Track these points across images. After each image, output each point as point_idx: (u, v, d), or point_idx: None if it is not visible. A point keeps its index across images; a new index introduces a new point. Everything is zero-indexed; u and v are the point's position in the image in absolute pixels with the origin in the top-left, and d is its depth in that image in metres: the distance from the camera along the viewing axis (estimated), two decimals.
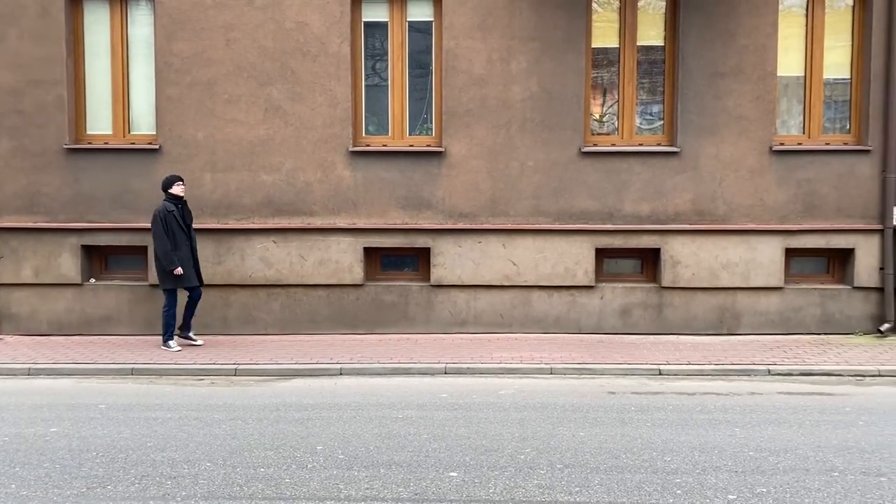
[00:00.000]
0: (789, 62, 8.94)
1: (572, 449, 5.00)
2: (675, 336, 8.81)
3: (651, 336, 8.82)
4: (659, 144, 8.94)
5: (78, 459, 4.89)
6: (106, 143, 9.08)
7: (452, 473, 4.57)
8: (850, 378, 7.19)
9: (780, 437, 5.27)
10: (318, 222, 8.96)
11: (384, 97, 9.15)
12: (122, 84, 9.10)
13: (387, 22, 9.05)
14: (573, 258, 8.89)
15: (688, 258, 8.85)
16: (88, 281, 9.14)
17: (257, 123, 8.92)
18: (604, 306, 8.95)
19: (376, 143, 9.08)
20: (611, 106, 9.17)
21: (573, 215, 8.90)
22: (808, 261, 9.08)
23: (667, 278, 8.86)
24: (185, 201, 8.32)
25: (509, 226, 8.91)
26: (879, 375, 7.23)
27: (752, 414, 5.89)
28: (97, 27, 9.10)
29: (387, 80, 9.11)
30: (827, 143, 8.88)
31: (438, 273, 8.96)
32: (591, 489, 4.29)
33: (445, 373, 7.39)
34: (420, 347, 8.27)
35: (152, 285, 8.93)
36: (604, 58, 9.09)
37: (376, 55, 9.22)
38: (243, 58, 8.88)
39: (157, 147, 8.95)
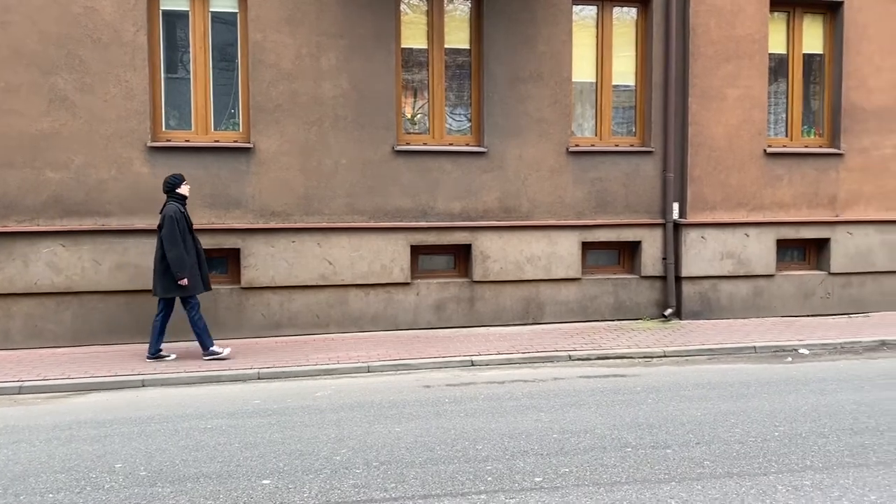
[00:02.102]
0: (583, 69, 9.60)
1: (388, 445, 5.03)
2: (486, 328, 9.17)
3: (464, 329, 9.11)
4: (468, 144, 9.24)
5: None
6: None
7: (265, 481, 4.42)
8: (641, 360, 7.86)
9: (580, 418, 5.64)
10: (114, 223, 8.32)
11: (186, 90, 8.67)
12: None
13: (188, 11, 8.58)
14: (389, 256, 8.96)
15: (496, 253, 9.23)
16: None
17: (40, 115, 8.10)
18: (419, 302, 9.10)
19: (178, 138, 8.58)
20: (422, 106, 9.34)
21: (388, 213, 8.97)
22: (602, 253, 9.81)
23: (478, 273, 9.19)
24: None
25: (324, 224, 8.80)
26: (665, 356, 7.97)
27: (555, 398, 6.25)
28: None
29: (189, 72, 8.64)
30: (616, 145, 9.64)
31: (250, 275, 8.65)
32: (406, 484, 4.33)
33: (259, 378, 7.15)
34: (231, 353, 7.93)
35: None
36: (414, 59, 9.24)
37: (177, 46, 8.72)
38: (22, 43, 8.02)
39: None
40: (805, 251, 10.19)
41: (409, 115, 9.32)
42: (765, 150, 9.70)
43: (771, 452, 4.79)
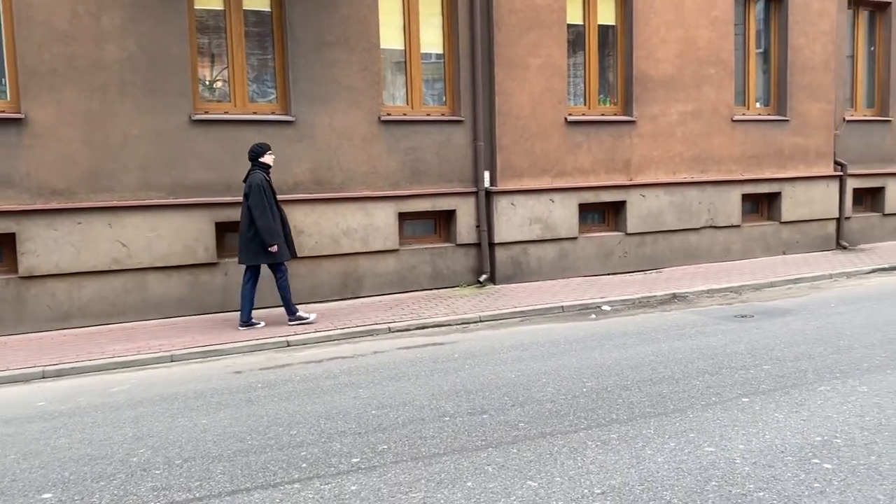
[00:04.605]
0: (391, 36, 9.42)
1: (194, 440, 4.63)
2: (304, 305, 8.80)
3: (280, 308, 8.67)
4: (273, 113, 8.77)
5: None
6: None
7: (46, 495, 3.89)
8: (458, 326, 7.94)
9: (399, 391, 5.54)
10: None
11: None
12: None
13: None
14: (192, 234, 8.33)
15: (310, 227, 8.90)
16: None
17: None
18: (229, 283, 8.57)
19: None
20: (221, 72, 8.72)
21: (189, 188, 8.32)
22: (418, 223, 9.79)
23: None
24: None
25: (115, 202, 8.00)
26: (481, 321, 8.11)
27: (374, 373, 6.12)
28: None
29: None
30: (428, 114, 9.60)
31: (29, 262, 7.68)
32: (212, 480, 3.99)
33: (44, 377, 6.37)
34: (10, 351, 7.02)
35: None
36: (210, 21, 8.57)
37: None
38: None
39: None
40: (604, 214, 10.80)
41: (207, 82, 8.67)
42: (566, 119, 10.10)
43: (580, 409, 4.96)
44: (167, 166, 8.18)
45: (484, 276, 9.80)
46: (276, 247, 7.54)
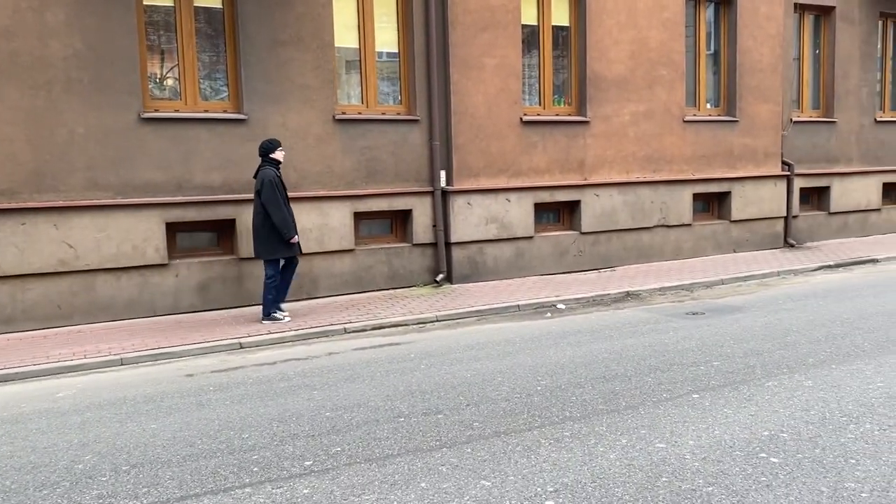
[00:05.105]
0: (346, 35, 9.35)
1: (142, 445, 4.53)
2: (258, 307, 8.69)
3: (233, 310, 8.60)
4: (226, 111, 8.63)
5: None
6: None
7: None
8: (415, 326, 7.92)
9: (354, 393, 5.50)
10: None
11: None
12: None
13: None
14: (141, 235, 8.16)
15: None
16: None
17: None
18: (180, 284, 8.42)
19: None
20: (171, 69, 8.55)
21: (138, 188, 8.14)
22: (374, 223, 9.74)
23: (244, 249, 8.68)
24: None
25: (61, 203, 7.79)
26: (437, 321, 8.10)
27: (329, 374, 6.07)
28: None
29: None
30: (383, 113, 9.55)
31: None
32: (160, 486, 3.91)
33: None
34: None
35: None
36: (159, 17, 8.40)
37: None
38: None
39: None
40: (559, 213, 10.89)
41: (157, 79, 8.49)
42: (521, 119, 10.16)
43: (534, 407, 4.99)
44: (115, 165, 7.99)
45: (441, 276, 9.80)
46: (296, 237, 7.85)
